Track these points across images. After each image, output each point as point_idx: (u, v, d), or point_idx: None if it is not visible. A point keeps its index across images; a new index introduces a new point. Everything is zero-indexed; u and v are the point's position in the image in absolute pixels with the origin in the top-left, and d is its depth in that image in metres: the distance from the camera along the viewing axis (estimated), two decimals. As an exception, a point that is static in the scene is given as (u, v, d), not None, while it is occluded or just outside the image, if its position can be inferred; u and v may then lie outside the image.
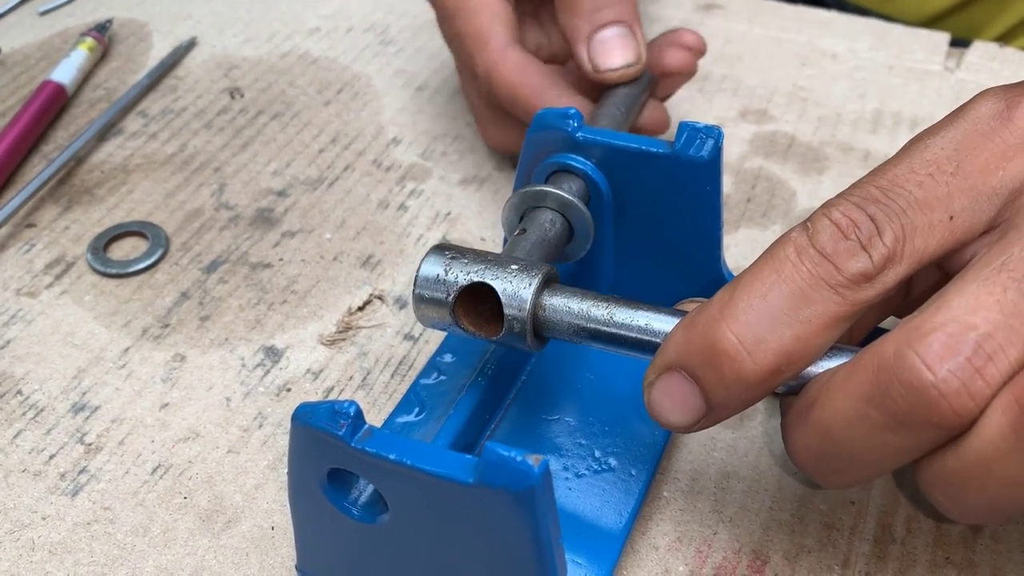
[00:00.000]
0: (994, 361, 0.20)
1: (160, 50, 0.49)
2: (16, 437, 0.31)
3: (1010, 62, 0.47)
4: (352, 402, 0.22)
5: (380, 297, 0.36)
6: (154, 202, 0.40)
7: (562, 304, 0.25)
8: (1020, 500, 0.21)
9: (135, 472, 0.30)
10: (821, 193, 0.40)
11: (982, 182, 0.22)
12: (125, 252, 0.38)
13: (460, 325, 0.26)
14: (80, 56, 0.46)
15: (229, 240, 0.39)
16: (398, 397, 0.32)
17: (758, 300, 0.22)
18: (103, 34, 0.48)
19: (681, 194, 0.30)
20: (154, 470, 0.30)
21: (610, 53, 0.33)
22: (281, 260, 0.38)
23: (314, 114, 0.45)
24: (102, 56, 0.48)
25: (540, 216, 0.29)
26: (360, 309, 0.36)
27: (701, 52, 0.37)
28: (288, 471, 0.24)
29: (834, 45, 0.49)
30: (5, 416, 0.32)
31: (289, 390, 0.33)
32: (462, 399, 0.28)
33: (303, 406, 0.22)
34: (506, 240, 0.30)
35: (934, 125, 0.24)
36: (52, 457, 0.31)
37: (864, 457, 0.22)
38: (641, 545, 0.28)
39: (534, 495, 0.20)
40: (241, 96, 0.46)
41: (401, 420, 0.29)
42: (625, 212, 0.31)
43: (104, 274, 0.37)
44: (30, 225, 0.39)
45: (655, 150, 0.29)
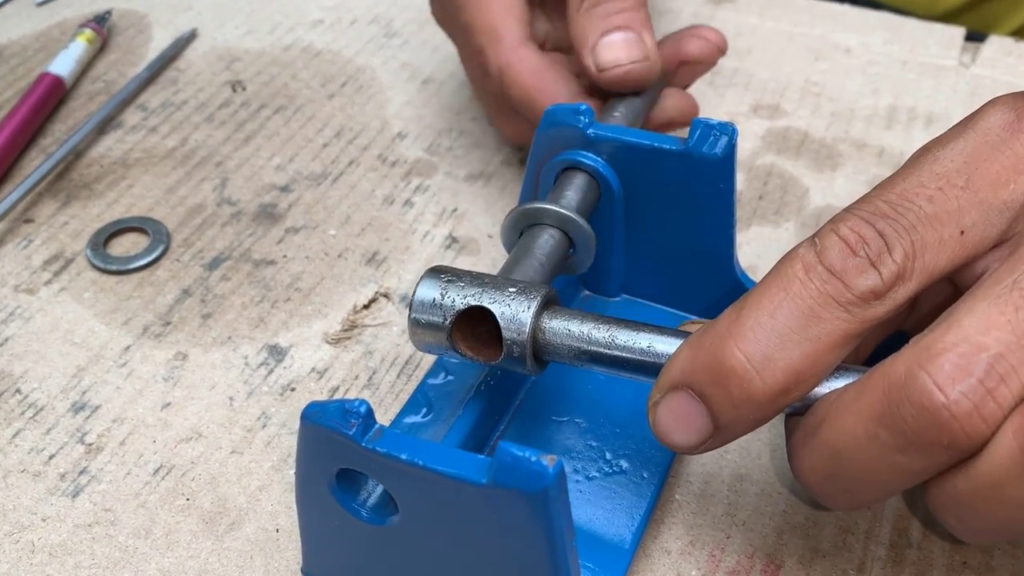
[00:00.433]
0: (1006, 382, 0.20)
1: (160, 42, 0.49)
2: (15, 437, 0.31)
3: (1025, 58, 0.47)
4: (363, 401, 0.21)
5: (386, 295, 0.36)
6: (155, 197, 0.40)
7: (562, 327, 0.25)
8: None
9: (136, 473, 0.30)
10: (834, 190, 0.40)
11: (993, 195, 0.22)
12: (125, 248, 0.38)
13: (458, 350, 0.25)
14: (79, 48, 0.46)
15: (231, 236, 0.38)
16: (404, 397, 0.32)
17: (766, 318, 0.21)
18: (102, 25, 0.48)
19: (694, 192, 0.30)
20: (156, 471, 0.30)
21: (613, 52, 0.33)
22: (285, 257, 0.37)
23: (318, 108, 0.45)
24: (101, 48, 0.48)
25: (539, 234, 0.28)
26: (365, 307, 0.35)
27: (722, 48, 0.36)
28: (295, 471, 0.24)
29: (847, 39, 0.48)
30: (4, 415, 0.32)
31: (293, 390, 0.32)
32: (471, 400, 0.28)
33: (312, 405, 0.22)
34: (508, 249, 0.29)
35: (942, 136, 0.23)
36: (52, 457, 0.30)
37: (873, 478, 0.22)
38: (653, 549, 0.28)
39: (548, 496, 0.20)
40: (243, 89, 0.46)
41: (408, 421, 0.29)
42: (637, 210, 0.31)
43: (104, 271, 0.37)
44: (28, 220, 0.39)
45: (668, 147, 0.29)
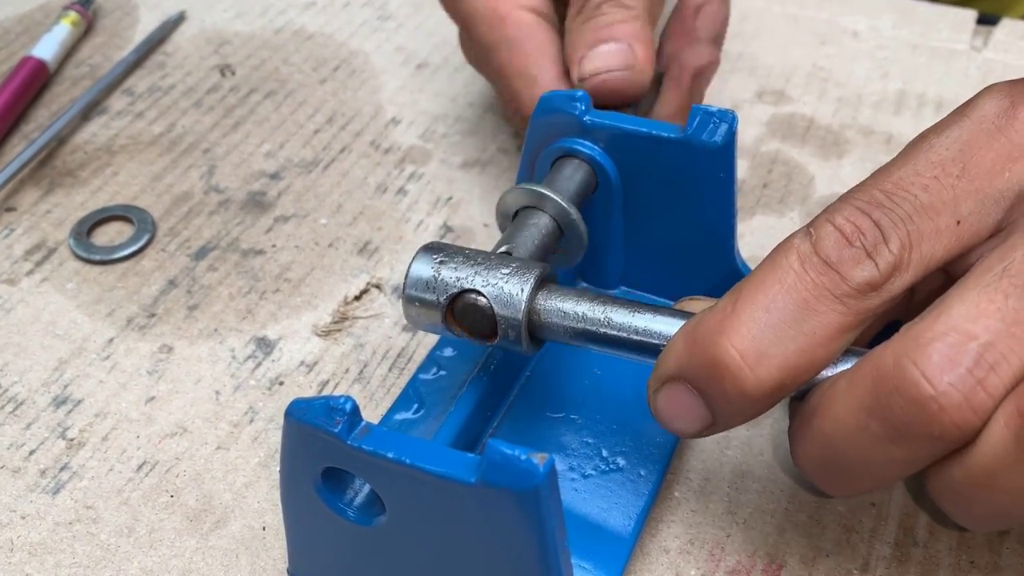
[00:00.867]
0: (996, 371, 0.20)
1: (147, 25, 0.48)
2: (-6, 432, 0.30)
3: (1037, 42, 0.46)
4: (348, 398, 0.21)
5: (378, 286, 0.35)
6: (140, 185, 0.39)
7: (557, 307, 0.25)
8: None
9: (119, 469, 0.29)
10: (841, 178, 0.39)
11: (988, 184, 0.22)
12: (110, 237, 0.37)
13: (453, 329, 0.25)
14: (63, 31, 0.45)
15: (219, 225, 0.38)
16: (396, 391, 0.31)
17: (761, 312, 0.21)
18: (87, 8, 0.47)
19: (693, 181, 0.29)
20: (139, 467, 0.29)
21: (595, 62, 0.31)
22: (274, 246, 0.37)
23: (309, 93, 0.44)
24: (86, 31, 0.47)
25: (534, 217, 0.28)
26: (357, 298, 0.35)
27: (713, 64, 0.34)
28: (280, 470, 0.24)
29: (855, 22, 0.48)
30: (-17, 409, 0.31)
31: (282, 383, 0.32)
32: (463, 395, 0.28)
33: (297, 402, 0.22)
34: (502, 229, 0.29)
35: (938, 123, 0.23)
36: (32, 453, 0.30)
37: (867, 468, 0.22)
38: (651, 548, 0.27)
39: (539, 496, 0.19)
40: (232, 74, 0.45)
41: (399, 417, 0.28)
42: (635, 200, 0.31)
43: (87, 260, 0.36)
44: (9, 209, 0.38)
45: (666, 135, 0.29)
